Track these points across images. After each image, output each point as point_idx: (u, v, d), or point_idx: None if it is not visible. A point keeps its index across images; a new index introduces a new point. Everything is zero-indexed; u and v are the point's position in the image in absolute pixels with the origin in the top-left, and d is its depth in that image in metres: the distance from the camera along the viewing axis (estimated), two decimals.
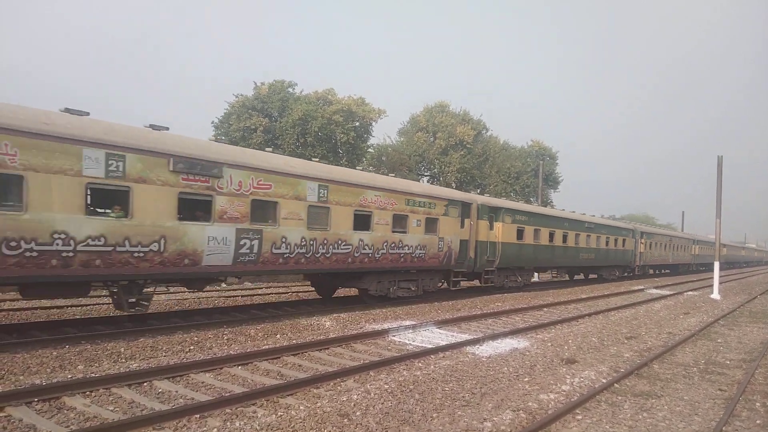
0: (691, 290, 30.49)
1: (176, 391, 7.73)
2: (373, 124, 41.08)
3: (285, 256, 13.31)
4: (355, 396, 7.70)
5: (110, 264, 10.05)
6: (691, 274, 52.94)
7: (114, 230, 10.10)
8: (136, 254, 10.41)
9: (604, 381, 9.29)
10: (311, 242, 13.92)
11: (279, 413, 6.89)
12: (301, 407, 7.14)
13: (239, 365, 9.21)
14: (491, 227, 21.49)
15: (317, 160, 17.56)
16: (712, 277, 27.92)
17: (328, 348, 10.81)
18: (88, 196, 10.02)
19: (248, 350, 10.14)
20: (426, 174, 51.68)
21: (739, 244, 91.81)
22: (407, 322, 13.86)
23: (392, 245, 16.53)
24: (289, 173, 13.52)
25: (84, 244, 9.63)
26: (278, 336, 11.84)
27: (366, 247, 15.60)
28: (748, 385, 9.54)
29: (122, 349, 9.90)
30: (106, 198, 10.70)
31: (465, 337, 12.53)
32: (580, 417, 7.43)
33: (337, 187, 14.75)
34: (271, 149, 16.91)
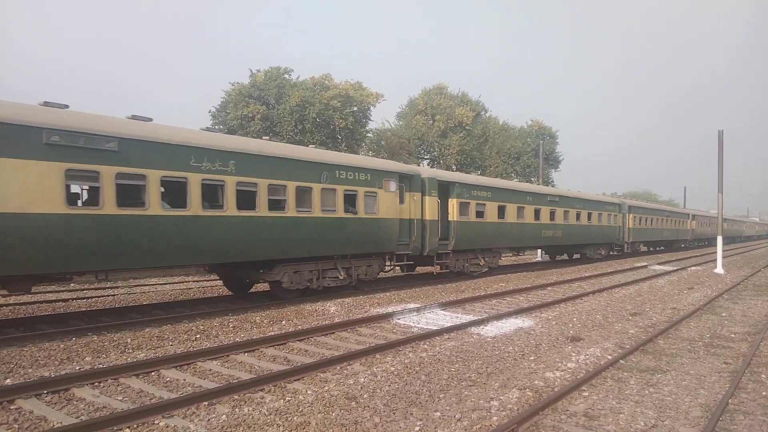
0: (694, 265, 30.51)
1: (184, 380, 7.77)
2: (372, 108, 40.89)
3: None
4: (362, 379, 7.73)
5: None
6: (688, 250, 51.37)
7: None
8: None
9: (609, 358, 9.32)
10: None
11: (287, 398, 6.93)
12: (308, 392, 7.17)
13: (245, 352, 9.25)
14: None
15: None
16: (715, 253, 27.92)
17: (333, 332, 10.85)
18: None
19: (254, 337, 10.19)
20: (426, 157, 51.56)
21: (740, 218, 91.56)
22: (411, 305, 13.90)
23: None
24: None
25: None
26: (283, 322, 11.88)
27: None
28: (754, 358, 9.57)
29: (129, 340, 9.95)
30: None
31: (469, 318, 12.57)
32: (586, 393, 7.46)
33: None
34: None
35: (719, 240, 27.80)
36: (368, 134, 42.94)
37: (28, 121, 9.53)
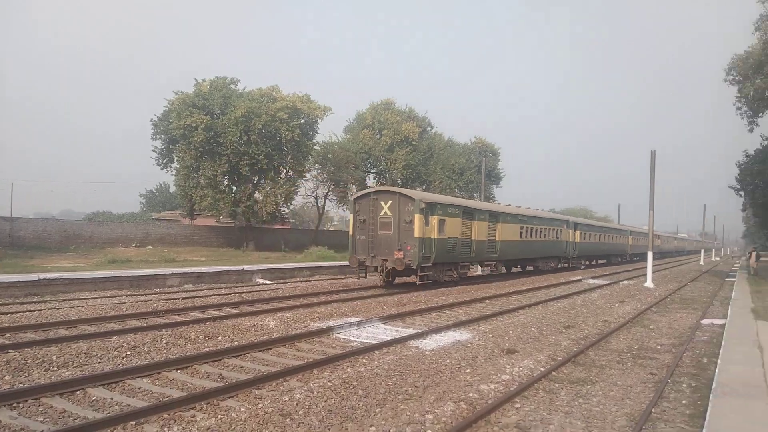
0: (626, 279, 31.78)
1: (111, 398, 7.48)
2: (319, 121, 40.83)
3: None
4: (298, 395, 7.64)
5: None
6: (656, 260, 59.94)
7: None
8: None
9: (542, 369, 9.57)
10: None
11: (219, 416, 6.77)
12: (242, 409, 7.03)
13: (178, 369, 8.98)
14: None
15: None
16: (646, 267, 29.19)
17: (271, 348, 10.69)
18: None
19: (188, 353, 9.92)
20: (372, 171, 51.79)
21: (671, 235, 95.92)
22: (352, 319, 13.88)
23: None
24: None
25: None
26: (220, 338, 11.62)
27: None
28: (677, 368, 10.05)
29: (54, 357, 9.49)
30: None
31: (409, 331, 12.65)
32: (518, 405, 7.63)
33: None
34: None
35: (649, 255, 29.09)
36: (315, 147, 42.80)
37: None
